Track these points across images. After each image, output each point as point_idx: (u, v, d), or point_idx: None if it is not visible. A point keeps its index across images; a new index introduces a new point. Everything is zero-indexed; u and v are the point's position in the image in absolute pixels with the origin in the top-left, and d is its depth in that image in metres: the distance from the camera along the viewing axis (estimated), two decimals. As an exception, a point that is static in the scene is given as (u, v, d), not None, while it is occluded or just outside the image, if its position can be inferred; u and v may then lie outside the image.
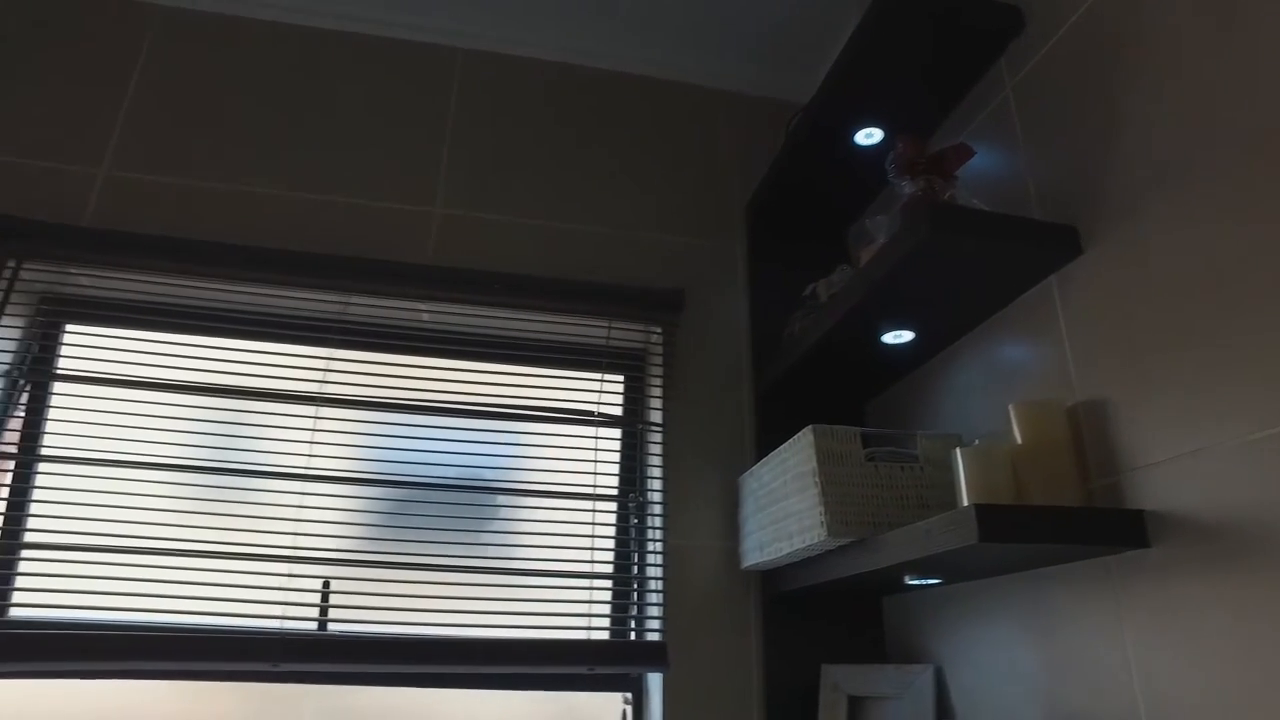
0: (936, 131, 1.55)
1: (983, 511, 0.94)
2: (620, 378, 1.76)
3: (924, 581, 1.30)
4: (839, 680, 1.45)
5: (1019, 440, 1.11)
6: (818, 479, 1.23)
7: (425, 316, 1.70)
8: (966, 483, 1.09)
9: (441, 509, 1.57)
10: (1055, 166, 1.21)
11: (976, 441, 1.22)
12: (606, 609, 1.57)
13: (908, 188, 1.26)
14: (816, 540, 1.22)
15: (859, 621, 1.56)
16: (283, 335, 1.65)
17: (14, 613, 1.43)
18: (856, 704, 1.41)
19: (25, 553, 1.45)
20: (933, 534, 1.02)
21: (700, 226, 1.87)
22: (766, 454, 1.54)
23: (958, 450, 1.10)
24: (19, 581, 1.43)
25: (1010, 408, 1.12)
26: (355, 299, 1.65)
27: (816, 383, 1.60)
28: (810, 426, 1.26)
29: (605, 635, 1.55)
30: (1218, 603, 0.87)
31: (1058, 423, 1.09)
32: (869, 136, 1.57)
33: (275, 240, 1.66)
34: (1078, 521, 0.96)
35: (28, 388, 1.58)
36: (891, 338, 1.39)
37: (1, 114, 1.67)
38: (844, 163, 1.65)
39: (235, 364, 1.61)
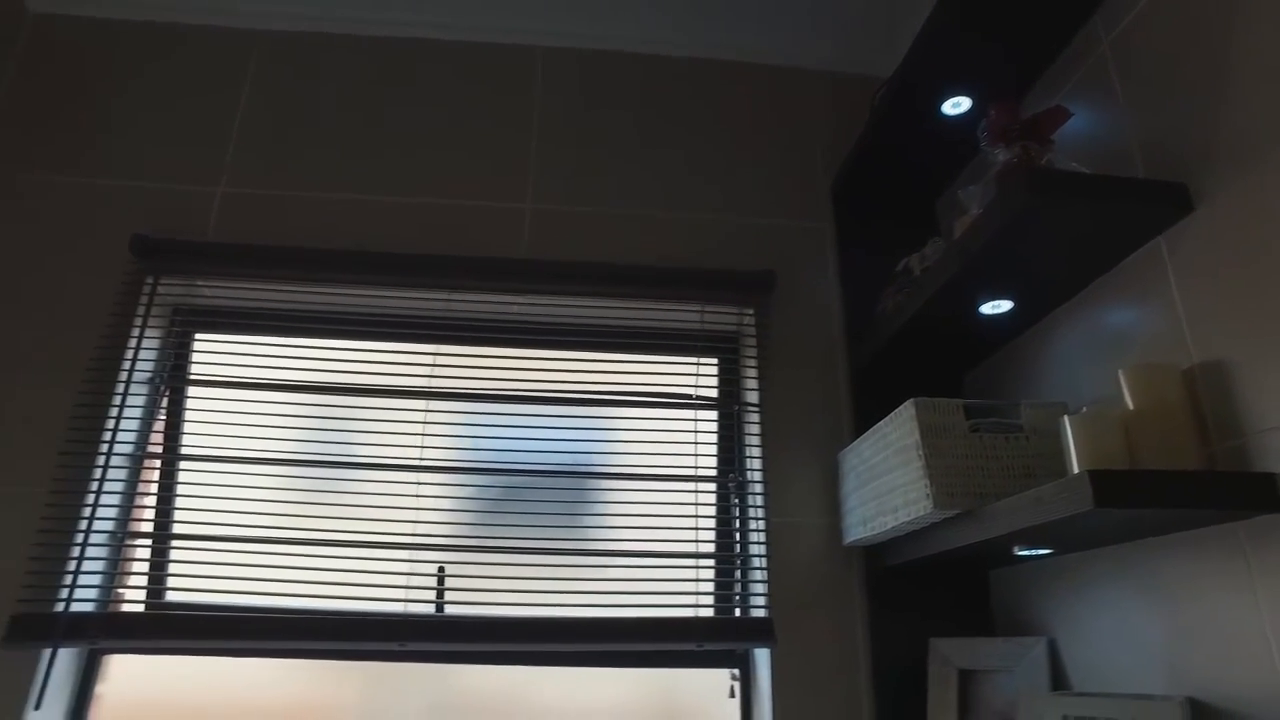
0: (1028, 96, 1.51)
1: (1098, 477, 0.93)
2: (715, 361, 1.78)
3: (1034, 552, 1.29)
4: (948, 654, 1.44)
5: (1130, 405, 1.08)
6: (921, 451, 1.23)
7: (520, 309, 1.76)
8: (1076, 450, 1.07)
9: (549, 494, 1.63)
10: (1160, 123, 1.17)
11: (1084, 409, 1.20)
12: (712, 587, 1.60)
13: (1002, 155, 1.24)
14: (923, 513, 1.22)
15: (966, 596, 1.55)
16: (392, 334, 1.74)
17: (169, 596, 1.56)
18: (967, 677, 1.41)
19: (174, 543, 1.58)
20: (1044, 501, 1.02)
21: (788, 207, 1.87)
22: (864, 430, 1.54)
23: (1065, 418, 1.09)
24: (170, 569, 1.57)
25: (1120, 373, 1.10)
26: (457, 296, 1.73)
27: (912, 357, 1.59)
28: (912, 400, 1.26)
29: (711, 613, 1.59)
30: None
31: (1173, 386, 1.06)
32: (956, 106, 1.55)
33: (380, 244, 1.75)
34: (1202, 486, 0.93)
35: (167, 393, 1.71)
36: (989, 308, 1.37)
37: (133, 142, 1.81)
38: (931, 134, 1.63)
39: (350, 363, 1.71)
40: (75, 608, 1.46)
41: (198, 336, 1.78)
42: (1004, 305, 1.36)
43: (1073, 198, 1.09)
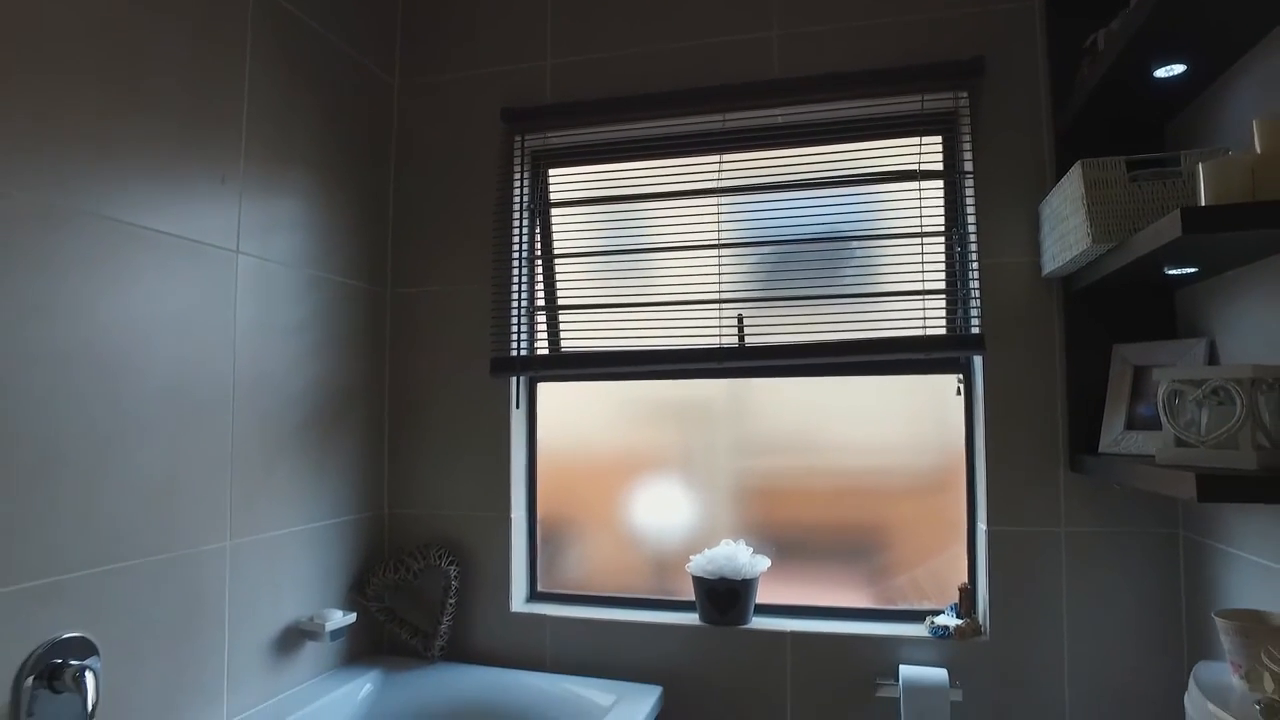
0: None
1: (1188, 211, 1.29)
2: (938, 138, 2.17)
3: (1181, 271, 1.63)
4: (1126, 355, 1.85)
5: (1258, 150, 1.36)
6: (1085, 201, 1.61)
7: (780, 119, 2.26)
8: (1204, 189, 1.39)
9: (814, 255, 2.21)
10: None
11: (1229, 153, 1.48)
12: (940, 314, 2.12)
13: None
14: (1087, 246, 1.63)
15: (1154, 316, 1.88)
16: (686, 150, 2.35)
17: (564, 345, 2.44)
18: (1140, 372, 1.82)
19: (562, 313, 2.43)
20: (1160, 231, 1.39)
21: (1003, -12, 2.10)
22: (1062, 185, 1.88)
23: (1200, 163, 1.40)
24: (562, 328, 2.43)
25: (1254, 121, 1.37)
26: (731, 115, 2.27)
27: (1106, 120, 1.85)
28: (1079, 161, 1.62)
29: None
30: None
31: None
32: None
33: (668, 83, 2.32)
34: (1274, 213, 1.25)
35: (539, 214, 2.50)
36: (1163, 72, 1.62)
37: (487, 37, 2.49)
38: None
39: (659, 173, 2.36)
40: (521, 353, 2.38)
41: (551, 171, 2.53)
42: (1176, 69, 1.60)
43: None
